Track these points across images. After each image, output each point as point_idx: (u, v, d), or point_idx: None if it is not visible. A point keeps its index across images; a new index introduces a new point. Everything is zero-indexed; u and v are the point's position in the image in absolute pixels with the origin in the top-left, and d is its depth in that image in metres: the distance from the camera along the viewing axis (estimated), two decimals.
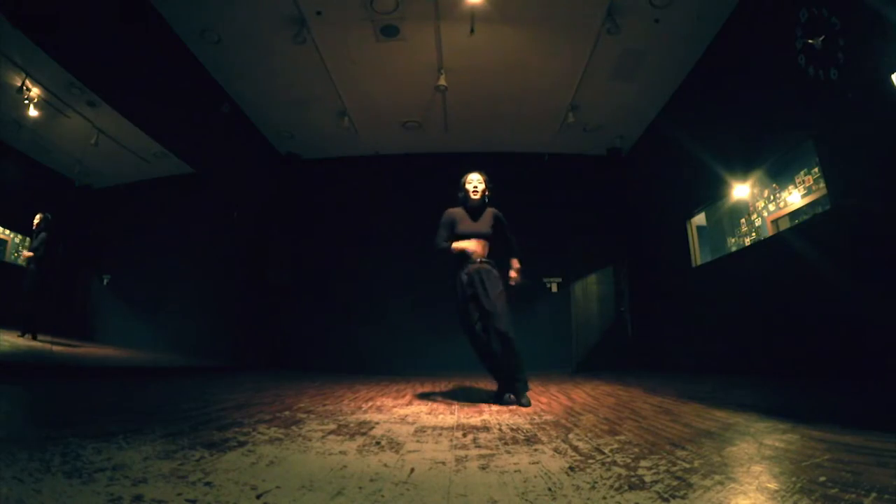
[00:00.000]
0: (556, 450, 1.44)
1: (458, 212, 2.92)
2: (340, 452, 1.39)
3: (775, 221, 5.36)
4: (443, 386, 3.86)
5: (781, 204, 5.29)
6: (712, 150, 4.51)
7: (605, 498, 0.97)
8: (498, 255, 2.93)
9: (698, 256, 5.12)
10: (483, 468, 1.22)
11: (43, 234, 4.70)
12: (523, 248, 3.03)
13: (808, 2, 3.17)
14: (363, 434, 1.70)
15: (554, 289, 6.37)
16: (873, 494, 0.93)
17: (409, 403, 2.69)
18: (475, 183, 2.90)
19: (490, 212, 2.94)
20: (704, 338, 4.61)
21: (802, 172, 4.97)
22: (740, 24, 4.01)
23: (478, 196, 2.88)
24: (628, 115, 5.79)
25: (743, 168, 4.15)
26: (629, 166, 6.63)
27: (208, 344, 5.59)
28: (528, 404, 2.53)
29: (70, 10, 3.39)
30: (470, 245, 2.82)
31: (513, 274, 2.91)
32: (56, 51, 3.42)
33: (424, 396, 3.08)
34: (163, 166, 5.34)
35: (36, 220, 4.72)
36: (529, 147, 6.63)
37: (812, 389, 2.74)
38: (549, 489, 1.03)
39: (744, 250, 5.10)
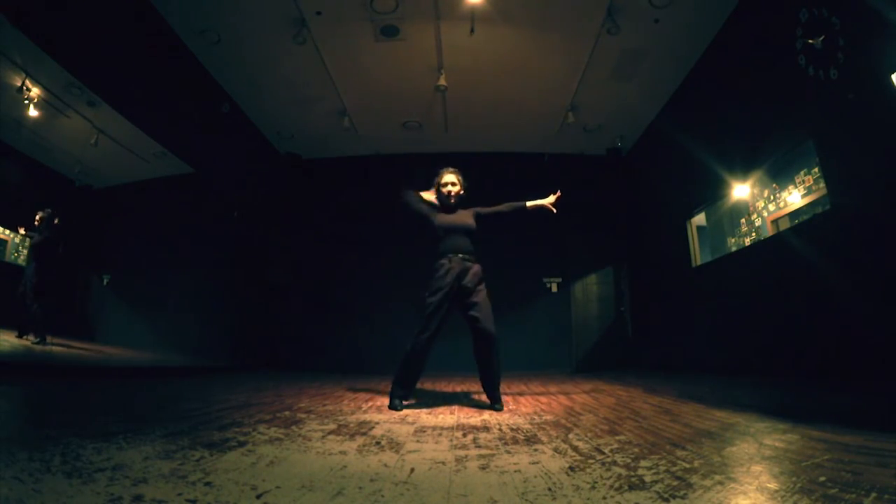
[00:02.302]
0: (556, 450, 1.44)
1: (433, 210, 2.81)
2: (340, 452, 1.39)
3: (775, 221, 5.36)
4: (443, 386, 3.86)
5: (781, 204, 5.29)
6: (712, 150, 4.50)
7: (605, 498, 0.97)
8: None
9: (698, 256, 5.12)
10: (483, 468, 1.22)
11: (45, 233, 4.70)
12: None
13: (808, 2, 3.17)
14: (363, 434, 1.70)
15: (554, 289, 6.37)
16: (873, 494, 0.93)
17: (409, 403, 2.69)
18: (449, 186, 2.79)
19: (469, 211, 2.82)
20: (704, 338, 4.61)
21: (802, 172, 4.98)
22: (740, 24, 4.01)
23: (453, 199, 2.78)
24: (628, 115, 5.78)
25: (743, 168, 4.15)
26: (629, 166, 6.63)
27: (208, 344, 5.59)
28: (502, 408, 2.49)
29: (70, 11, 3.38)
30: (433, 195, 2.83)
31: (551, 201, 2.98)
32: (56, 51, 3.42)
33: (424, 396, 3.08)
34: (163, 166, 5.35)
35: (37, 219, 4.72)
36: (529, 147, 6.63)
37: (812, 389, 2.74)
38: (549, 489, 1.03)
39: (744, 250, 5.10)
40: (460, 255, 2.66)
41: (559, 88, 5.26)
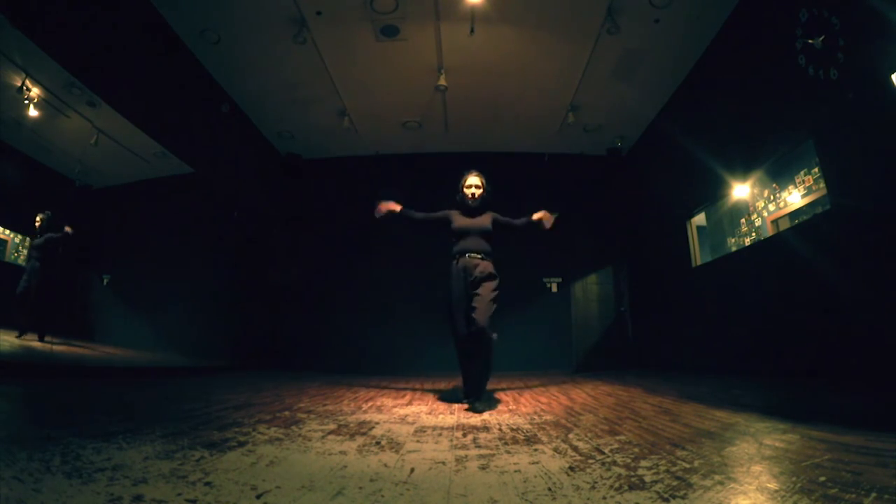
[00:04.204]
0: (556, 450, 1.44)
1: (454, 212, 2.91)
2: (340, 452, 1.39)
3: (775, 221, 5.36)
4: (443, 386, 3.86)
5: (781, 204, 5.29)
6: (712, 150, 4.50)
7: (605, 498, 0.97)
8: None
9: (698, 256, 5.12)
10: (483, 468, 1.22)
11: (49, 235, 4.71)
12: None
13: (808, 2, 3.17)
14: (363, 434, 1.70)
15: (554, 289, 6.37)
16: (873, 494, 0.93)
17: (409, 403, 2.69)
18: (473, 189, 2.86)
19: (488, 214, 2.91)
20: (704, 338, 4.60)
21: (802, 172, 4.98)
22: (740, 24, 4.01)
23: (476, 199, 2.85)
24: (628, 115, 5.78)
25: (743, 168, 4.15)
26: (629, 166, 6.63)
27: (208, 344, 5.59)
28: (481, 411, 2.33)
29: (70, 11, 3.38)
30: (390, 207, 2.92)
31: (541, 216, 2.93)
32: (56, 51, 3.42)
33: (424, 396, 3.08)
34: (163, 166, 5.34)
35: (38, 221, 4.72)
36: (529, 147, 6.63)
37: (812, 389, 2.74)
38: (549, 489, 1.03)
39: (744, 250, 5.10)
40: (468, 255, 2.73)
41: (559, 88, 5.26)
